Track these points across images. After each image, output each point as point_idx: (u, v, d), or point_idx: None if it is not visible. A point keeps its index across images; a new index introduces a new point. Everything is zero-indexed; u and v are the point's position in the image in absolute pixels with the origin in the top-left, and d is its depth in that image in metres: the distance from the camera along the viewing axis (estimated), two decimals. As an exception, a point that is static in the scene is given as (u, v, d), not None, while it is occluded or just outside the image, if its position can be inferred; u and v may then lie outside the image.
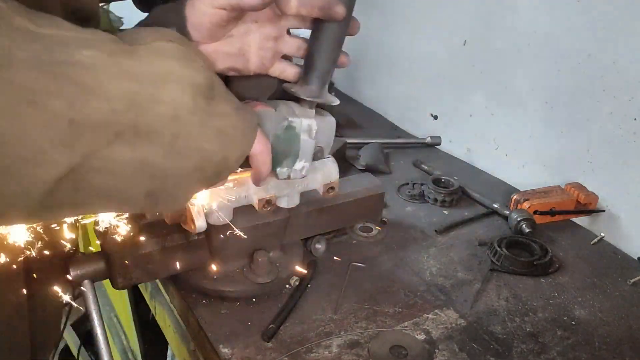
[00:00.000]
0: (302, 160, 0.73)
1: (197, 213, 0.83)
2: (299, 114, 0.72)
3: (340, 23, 0.67)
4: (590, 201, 1.23)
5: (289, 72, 0.75)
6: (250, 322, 0.90)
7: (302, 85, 0.72)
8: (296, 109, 0.72)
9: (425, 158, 1.52)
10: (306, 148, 0.72)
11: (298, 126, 0.71)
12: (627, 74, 1.15)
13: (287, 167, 0.73)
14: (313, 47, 0.70)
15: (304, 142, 0.72)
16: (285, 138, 0.71)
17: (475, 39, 1.49)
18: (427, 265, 1.08)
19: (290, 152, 0.72)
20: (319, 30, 0.69)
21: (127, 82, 0.48)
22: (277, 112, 0.71)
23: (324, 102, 0.73)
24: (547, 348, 0.89)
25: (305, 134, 0.72)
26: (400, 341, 0.87)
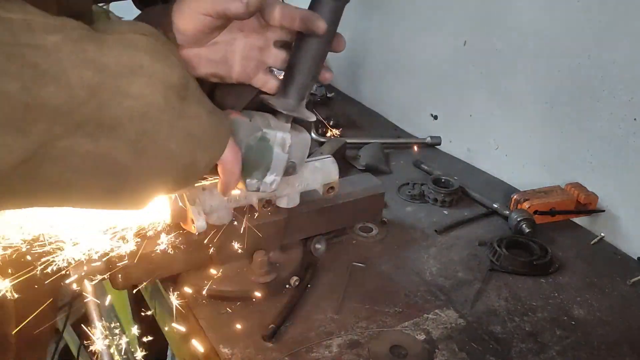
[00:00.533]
0: (273, 174, 0.71)
1: (197, 213, 0.83)
2: (274, 126, 0.70)
3: (322, 38, 0.66)
4: (590, 201, 1.23)
5: (271, 84, 0.74)
6: (250, 322, 0.90)
7: (279, 97, 0.71)
8: (272, 121, 0.70)
9: (425, 158, 1.52)
10: (278, 161, 0.70)
11: (272, 138, 0.69)
12: (627, 74, 1.15)
13: (257, 179, 0.70)
14: (293, 60, 0.69)
15: (276, 155, 0.70)
16: (257, 149, 0.68)
17: (475, 39, 1.49)
18: (427, 265, 1.08)
19: (262, 164, 0.70)
20: (301, 43, 0.68)
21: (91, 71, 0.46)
22: (252, 122, 0.70)
23: (300, 116, 0.71)
24: (547, 348, 0.89)
25: (279, 147, 0.70)
26: (400, 341, 0.87)
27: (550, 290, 1.03)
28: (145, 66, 0.49)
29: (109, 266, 0.84)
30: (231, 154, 0.62)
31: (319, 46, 0.68)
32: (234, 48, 0.71)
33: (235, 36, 0.70)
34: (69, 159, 0.47)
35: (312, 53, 0.68)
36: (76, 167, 0.47)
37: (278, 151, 0.70)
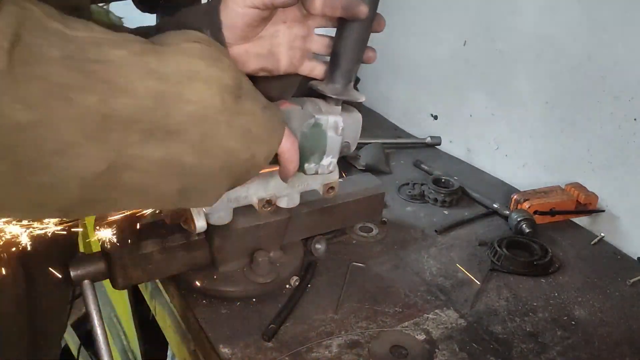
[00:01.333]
0: (330, 156, 0.74)
1: (197, 213, 0.83)
2: (325, 111, 0.73)
3: (364, 21, 0.68)
4: (590, 201, 1.23)
5: (318, 70, 0.77)
6: (250, 322, 0.90)
7: (327, 83, 0.73)
8: (322, 106, 0.73)
9: (425, 158, 1.52)
10: (333, 144, 0.73)
11: (324, 123, 0.72)
12: (627, 75, 1.15)
13: (314, 164, 0.74)
14: (338, 45, 0.71)
15: (330, 138, 0.73)
16: (312, 135, 0.72)
17: (475, 39, 1.49)
18: (427, 265, 1.08)
19: (317, 149, 0.73)
20: (343, 29, 0.70)
21: (155, 80, 0.50)
22: (304, 109, 0.73)
23: (349, 99, 0.74)
24: (547, 348, 0.89)
25: (332, 131, 0.73)
26: (400, 341, 0.87)
27: (550, 290, 1.03)
28: (201, 72, 0.53)
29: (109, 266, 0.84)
30: (288, 143, 0.65)
31: (361, 29, 0.69)
32: (279, 40, 0.73)
33: (279, 28, 0.72)
34: (144, 165, 0.51)
35: (355, 37, 0.70)
36: (151, 172, 0.52)
37: (332, 135, 0.73)
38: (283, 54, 0.74)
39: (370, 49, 0.74)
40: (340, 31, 0.70)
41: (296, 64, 0.76)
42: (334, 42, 0.72)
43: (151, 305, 1.17)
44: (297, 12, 0.72)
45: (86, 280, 0.82)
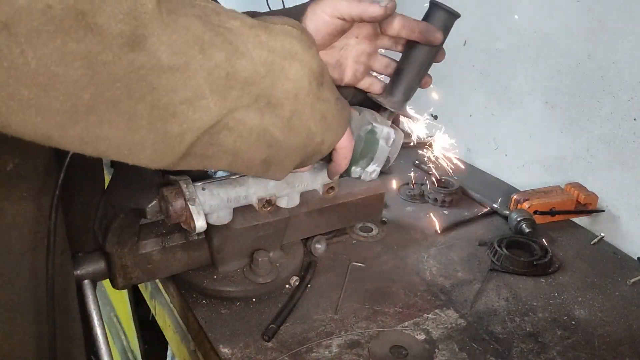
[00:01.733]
0: (375, 164, 0.77)
1: (197, 213, 0.83)
2: (380, 121, 0.76)
3: (434, 48, 0.73)
4: (590, 201, 1.23)
5: (375, 86, 0.81)
6: (250, 322, 0.90)
7: (386, 96, 0.77)
8: (377, 117, 0.77)
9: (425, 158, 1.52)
10: (381, 153, 0.77)
11: (379, 132, 0.76)
12: (627, 74, 1.15)
13: (361, 168, 0.77)
14: (404, 64, 0.76)
15: (381, 147, 0.76)
16: (366, 140, 0.75)
17: (475, 39, 1.49)
18: (427, 265, 1.08)
19: (367, 155, 0.76)
20: (413, 50, 0.74)
21: (266, 51, 0.54)
22: (362, 115, 0.76)
23: (404, 115, 0.80)
24: (547, 348, 0.89)
25: (384, 141, 0.76)
26: (400, 341, 0.87)
27: (550, 290, 1.03)
28: (299, 53, 0.57)
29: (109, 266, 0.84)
30: (346, 141, 0.68)
31: (428, 55, 0.74)
32: (347, 53, 0.77)
33: (349, 42, 0.76)
34: (240, 130, 0.54)
35: (421, 60, 0.75)
36: (245, 137, 0.55)
37: (383, 144, 0.76)
38: (349, 66, 0.78)
39: (428, 75, 0.79)
40: (409, 51, 0.75)
41: (359, 77, 0.79)
42: (401, 60, 0.77)
43: (151, 305, 1.17)
44: (371, 30, 0.75)
45: (86, 280, 0.82)
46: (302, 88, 0.57)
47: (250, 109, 0.54)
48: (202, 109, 0.50)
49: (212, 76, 0.50)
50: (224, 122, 0.52)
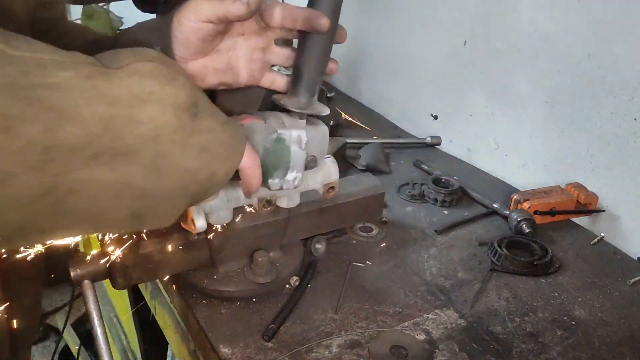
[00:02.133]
0: (294, 171, 0.73)
1: (197, 213, 0.83)
2: (289, 125, 0.72)
3: (326, 34, 0.67)
4: (590, 201, 1.23)
5: (279, 82, 0.75)
6: (250, 322, 0.90)
7: (290, 96, 0.72)
8: (286, 120, 0.72)
9: (425, 158, 1.52)
10: (297, 159, 0.73)
11: (287, 138, 0.71)
12: (627, 74, 1.15)
13: (278, 179, 0.73)
14: (299, 58, 0.70)
15: (294, 153, 0.72)
16: (275, 150, 0.71)
17: (475, 39, 1.49)
18: (427, 265, 1.08)
19: (281, 164, 0.72)
20: (305, 42, 0.69)
21: (104, 105, 0.47)
22: (267, 124, 0.71)
23: (312, 112, 0.72)
24: (547, 348, 0.89)
25: (295, 145, 0.72)
26: (400, 341, 0.87)
27: (550, 290, 1.03)
28: (154, 92, 0.50)
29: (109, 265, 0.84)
30: (249, 160, 0.63)
31: (323, 42, 0.68)
32: (237, 53, 0.71)
33: (236, 40, 0.70)
34: (89, 189, 0.48)
35: (317, 50, 0.69)
36: (98, 196, 0.49)
37: (295, 149, 0.72)
38: (242, 66, 0.72)
39: (332, 60, 0.72)
40: (302, 44, 0.69)
41: (256, 76, 0.74)
42: (296, 55, 0.71)
43: (151, 305, 1.17)
44: (255, 25, 0.70)
45: (86, 280, 0.82)
46: (165, 127, 0.51)
47: (91, 166, 0.47)
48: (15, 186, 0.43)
49: (23, 155, 0.43)
50: (62, 187, 0.46)
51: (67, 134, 0.45)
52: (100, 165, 0.48)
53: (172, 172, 0.53)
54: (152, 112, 0.50)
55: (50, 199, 0.46)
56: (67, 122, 0.45)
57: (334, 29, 0.68)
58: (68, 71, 0.45)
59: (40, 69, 0.44)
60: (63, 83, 0.45)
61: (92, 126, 0.46)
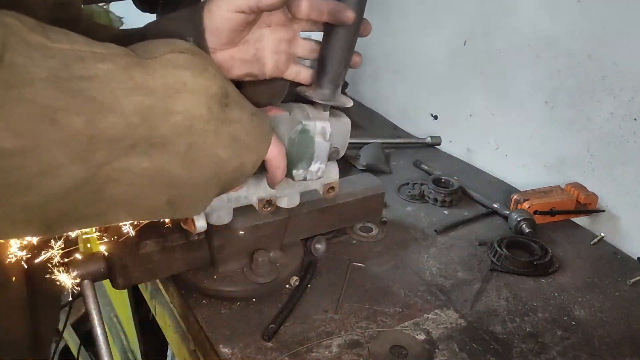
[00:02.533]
0: (318, 162, 0.74)
1: (197, 213, 0.82)
2: (313, 116, 0.73)
3: (351, 27, 0.68)
4: (590, 201, 1.23)
5: (303, 74, 0.76)
6: (250, 322, 0.90)
7: (315, 88, 0.73)
8: (310, 111, 0.73)
9: (425, 158, 1.52)
10: (321, 150, 0.73)
11: (312, 129, 0.72)
12: (627, 74, 1.15)
13: (302, 169, 0.74)
14: (325, 50, 0.71)
15: (318, 144, 0.73)
16: (299, 141, 0.72)
17: (475, 39, 1.49)
18: (427, 265, 1.08)
19: (305, 155, 0.73)
20: (330, 34, 0.69)
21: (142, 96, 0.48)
22: (292, 115, 0.72)
23: (337, 104, 0.73)
24: (547, 348, 0.89)
25: (320, 137, 0.73)
26: (400, 341, 0.87)
27: (550, 290, 1.03)
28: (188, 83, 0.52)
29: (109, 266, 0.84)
30: (275, 150, 0.65)
31: (348, 35, 0.69)
32: (263, 45, 0.72)
33: (263, 32, 0.71)
34: (128, 177, 0.50)
35: (342, 42, 0.69)
36: (136, 184, 0.51)
37: (320, 140, 0.73)
38: (268, 58, 0.73)
39: (356, 53, 0.73)
40: (327, 36, 0.70)
41: (282, 68, 0.75)
42: (321, 47, 0.72)
43: (151, 305, 1.17)
44: (282, 16, 0.71)
45: (86, 280, 0.82)
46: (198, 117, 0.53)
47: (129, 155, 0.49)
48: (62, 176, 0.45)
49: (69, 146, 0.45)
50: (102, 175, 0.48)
51: (109, 124, 0.46)
52: (137, 155, 0.49)
53: (205, 161, 0.55)
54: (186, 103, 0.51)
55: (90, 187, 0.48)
56: (108, 113, 0.46)
57: (359, 22, 0.68)
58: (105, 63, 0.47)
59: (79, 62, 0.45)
60: (102, 75, 0.46)
61: (131, 116, 0.48)
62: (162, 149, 0.51)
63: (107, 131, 0.46)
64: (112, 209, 0.52)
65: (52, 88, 0.43)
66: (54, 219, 0.49)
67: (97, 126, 0.46)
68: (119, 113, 0.47)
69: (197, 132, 0.53)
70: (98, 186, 0.48)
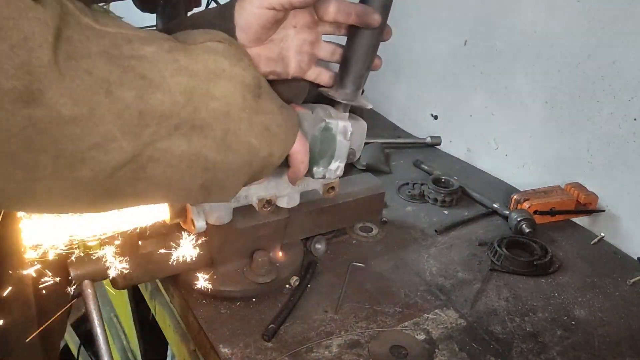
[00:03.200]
0: (337, 160, 0.75)
1: (197, 213, 0.83)
2: (335, 116, 0.74)
3: (376, 30, 0.69)
4: (590, 201, 1.23)
5: (324, 76, 0.77)
6: (250, 322, 0.90)
7: (337, 89, 0.74)
8: (332, 111, 0.74)
9: (425, 158, 1.52)
10: (341, 149, 0.75)
11: (335, 127, 0.73)
12: (627, 74, 1.15)
13: (322, 167, 0.75)
14: (349, 52, 0.72)
15: (339, 143, 0.74)
16: (322, 139, 0.73)
17: (475, 39, 1.49)
18: (427, 265, 1.08)
19: (327, 153, 0.74)
20: (355, 36, 0.71)
21: (186, 77, 0.51)
22: (314, 113, 0.74)
23: (358, 105, 0.75)
24: (547, 348, 0.89)
25: (341, 136, 0.74)
26: (400, 341, 0.87)
27: (550, 290, 1.03)
28: (226, 70, 0.54)
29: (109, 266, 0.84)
30: (300, 145, 0.66)
31: (372, 38, 0.70)
32: (288, 44, 0.73)
33: (288, 33, 0.73)
34: (168, 158, 0.52)
35: (366, 44, 0.71)
36: (175, 165, 0.53)
37: (341, 139, 0.74)
38: (292, 58, 0.74)
39: (377, 57, 0.75)
40: (352, 38, 0.71)
41: (304, 68, 0.76)
42: (345, 48, 0.73)
43: (151, 305, 1.17)
44: (308, 17, 0.73)
45: (86, 280, 0.82)
46: (234, 104, 0.55)
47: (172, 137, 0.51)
48: (114, 151, 0.47)
49: (122, 118, 0.47)
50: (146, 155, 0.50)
51: (157, 101, 0.49)
52: (179, 136, 0.51)
53: (238, 148, 0.57)
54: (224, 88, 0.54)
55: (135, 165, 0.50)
56: (156, 90, 0.49)
57: (383, 25, 0.70)
58: (151, 46, 0.49)
59: (128, 43, 0.48)
60: (149, 56, 0.49)
61: (177, 95, 0.50)
62: (200, 132, 0.53)
63: (156, 107, 0.48)
64: (150, 190, 0.54)
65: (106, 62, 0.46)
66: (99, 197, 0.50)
67: (147, 101, 0.48)
68: (167, 91, 0.49)
69: (233, 119, 0.55)
70: (141, 165, 0.50)
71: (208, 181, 0.57)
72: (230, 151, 0.56)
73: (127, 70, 0.47)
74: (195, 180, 0.56)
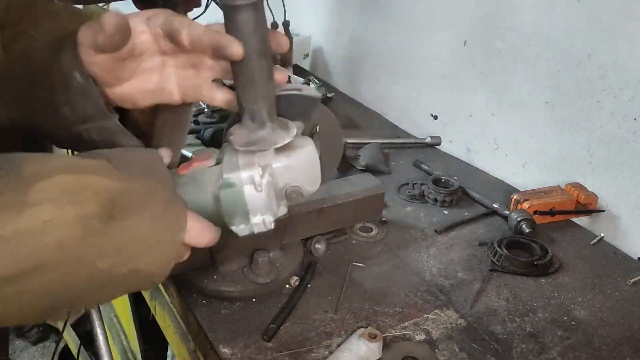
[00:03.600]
0: (257, 214, 0.61)
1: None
2: (243, 164, 0.60)
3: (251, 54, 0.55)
4: (590, 201, 1.23)
5: (219, 98, 0.65)
6: (250, 322, 0.90)
7: (239, 127, 0.61)
8: (241, 158, 0.61)
9: (425, 158, 1.52)
10: (256, 202, 0.61)
11: (237, 181, 0.60)
12: (627, 74, 1.15)
13: (243, 224, 0.62)
14: (235, 85, 0.59)
15: (249, 196, 0.60)
16: (225, 197, 0.60)
17: (475, 39, 1.49)
18: (427, 265, 1.08)
19: (237, 211, 0.61)
20: (234, 67, 0.57)
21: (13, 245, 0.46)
22: (216, 167, 0.62)
23: (258, 148, 0.60)
24: (547, 348, 0.89)
25: (250, 187, 0.60)
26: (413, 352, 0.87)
27: (550, 290, 1.03)
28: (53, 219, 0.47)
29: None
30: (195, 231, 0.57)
31: (253, 65, 0.56)
32: (166, 72, 0.63)
33: (164, 59, 0.63)
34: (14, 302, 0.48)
35: (248, 74, 0.57)
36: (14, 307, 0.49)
37: (250, 192, 0.60)
38: (174, 86, 0.64)
39: (278, 70, 0.61)
40: (232, 68, 0.58)
41: (192, 94, 0.65)
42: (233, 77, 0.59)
43: (151, 305, 1.17)
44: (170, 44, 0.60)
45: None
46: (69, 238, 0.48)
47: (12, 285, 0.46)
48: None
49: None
50: None
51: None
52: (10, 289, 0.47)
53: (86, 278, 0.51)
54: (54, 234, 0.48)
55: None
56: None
57: (260, 44, 0.56)
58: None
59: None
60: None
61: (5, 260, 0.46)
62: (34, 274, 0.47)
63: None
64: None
65: None
66: None
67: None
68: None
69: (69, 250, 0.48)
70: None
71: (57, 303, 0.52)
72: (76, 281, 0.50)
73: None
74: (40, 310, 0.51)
